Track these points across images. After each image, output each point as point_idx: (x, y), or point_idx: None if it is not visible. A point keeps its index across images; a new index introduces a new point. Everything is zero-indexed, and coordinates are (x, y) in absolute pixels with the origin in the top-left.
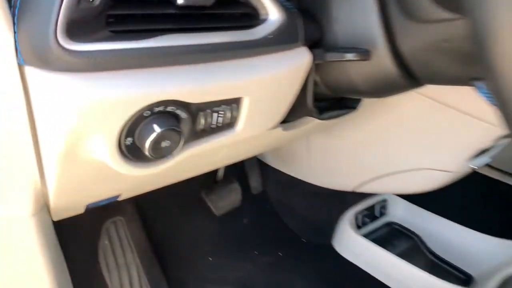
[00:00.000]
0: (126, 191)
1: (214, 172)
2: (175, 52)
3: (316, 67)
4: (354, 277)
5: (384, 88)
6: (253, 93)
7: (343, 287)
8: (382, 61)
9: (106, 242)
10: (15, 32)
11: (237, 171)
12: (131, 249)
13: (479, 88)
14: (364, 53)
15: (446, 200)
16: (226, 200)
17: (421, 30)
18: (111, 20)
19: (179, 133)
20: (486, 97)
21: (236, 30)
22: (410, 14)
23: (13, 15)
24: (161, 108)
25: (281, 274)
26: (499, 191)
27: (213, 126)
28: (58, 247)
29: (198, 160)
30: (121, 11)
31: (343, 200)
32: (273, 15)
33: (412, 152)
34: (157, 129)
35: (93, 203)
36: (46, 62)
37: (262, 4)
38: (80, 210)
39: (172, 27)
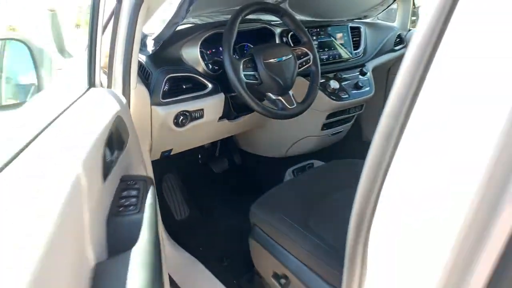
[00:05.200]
0: (175, 146)
1: (214, 152)
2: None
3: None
4: None
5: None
6: (208, 107)
7: None
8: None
9: (165, 184)
10: None
11: (227, 153)
12: (179, 189)
13: None
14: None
15: None
16: (220, 166)
17: None
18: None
19: (187, 117)
20: None
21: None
22: None
23: None
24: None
25: None
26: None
27: (194, 116)
28: None
29: (198, 131)
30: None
31: (279, 161)
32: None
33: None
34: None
35: (164, 152)
36: None
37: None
38: (158, 156)
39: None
